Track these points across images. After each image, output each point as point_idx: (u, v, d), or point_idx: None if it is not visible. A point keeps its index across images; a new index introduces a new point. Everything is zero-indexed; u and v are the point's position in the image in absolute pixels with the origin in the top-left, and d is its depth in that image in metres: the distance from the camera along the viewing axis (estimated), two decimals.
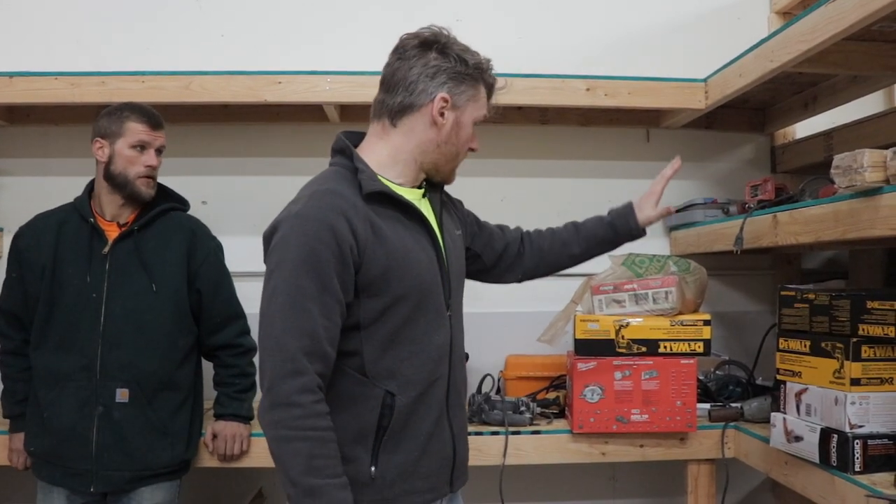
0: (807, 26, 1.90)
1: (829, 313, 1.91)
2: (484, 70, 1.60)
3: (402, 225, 1.54)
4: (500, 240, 1.92)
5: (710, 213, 2.58)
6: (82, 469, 2.03)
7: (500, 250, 1.91)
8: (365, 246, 1.46)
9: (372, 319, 1.49)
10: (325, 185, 1.52)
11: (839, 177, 1.70)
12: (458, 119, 1.58)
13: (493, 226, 1.94)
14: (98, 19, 2.74)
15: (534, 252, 1.95)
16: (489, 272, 1.93)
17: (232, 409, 2.20)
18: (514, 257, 1.93)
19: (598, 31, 2.86)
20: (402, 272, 1.50)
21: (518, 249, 1.94)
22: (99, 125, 2.12)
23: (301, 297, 1.42)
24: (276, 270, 1.46)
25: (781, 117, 2.79)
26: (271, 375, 1.41)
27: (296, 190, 1.60)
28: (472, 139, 1.64)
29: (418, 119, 1.56)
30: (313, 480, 1.38)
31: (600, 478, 2.86)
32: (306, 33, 2.78)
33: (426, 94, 1.55)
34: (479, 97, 1.61)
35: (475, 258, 1.87)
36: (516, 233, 1.98)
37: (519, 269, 1.95)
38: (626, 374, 2.25)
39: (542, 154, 2.86)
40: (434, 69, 1.55)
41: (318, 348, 1.42)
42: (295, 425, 1.39)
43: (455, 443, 1.60)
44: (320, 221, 1.44)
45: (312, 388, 1.41)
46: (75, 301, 2.06)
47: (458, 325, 1.65)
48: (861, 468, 1.81)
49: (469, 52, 1.59)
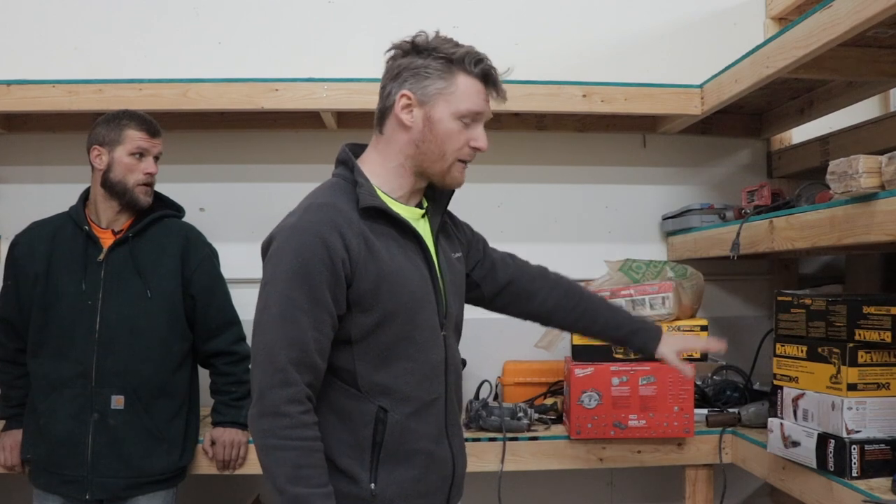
0: (802, 32, 1.91)
1: (825, 318, 1.91)
2: (459, 60, 1.51)
3: (395, 242, 1.53)
4: (505, 272, 1.80)
5: (706, 219, 2.59)
6: (78, 476, 2.02)
7: (503, 283, 1.80)
8: (357, 261, 1.46)
9: (363, 335, 1.49)
10: (322, 198, 1.52)
11: (835, 182, 1.70)
12: (427, 115, 1.52)
13: (502, 255, 1.83)
14: (95, 27, 2.74)
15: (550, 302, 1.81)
16: (490, 303, 1.83)
17: (230, 417, 2.20)
18: (520, 295, 1.81)
19: (594, 37, 2.87)
20: (393, 288, 1.49)
21: (529, 289, 1.81)
22: (96, 133, 2.12)
23: (292, 308, 1.42)
24: (269, 282, 1.47)
25: (777, 123, 2.80)
26: (261, 385, 1.42)
27: (293, 196, 1.60)
28: (473, 137, 1.55)
29: (392, 122, 1.55)
30: (299, 489, 1.39)
31: (598, 483, 2.86)
32: (303, 41, 2.78)
33: (392, 95, 1.54)
34: (453, 90, 1.51)
35: (473, 287, 1.79)
36: (534, 271, 1.84)
37: (526, 309, 1.83)
38: (624, 380, 2.25)
39: (538, 160, 2.87)
40: (397, 68, 1.54)
41: (308, 359, 1.43)
42: (283, 435, 1.40)
43: (455, 461, 1.60)
44: (314, 235, 1.44)
45: (300, 399, 1.42)
46: (71, 308, 2.06)
47: (455, 346, 1.64)
48: (858, 473, 1.81)
49: (446, 45, 1.53)
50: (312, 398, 1.45)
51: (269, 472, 1.41)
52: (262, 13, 2.80)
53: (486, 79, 1.56)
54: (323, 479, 1.43)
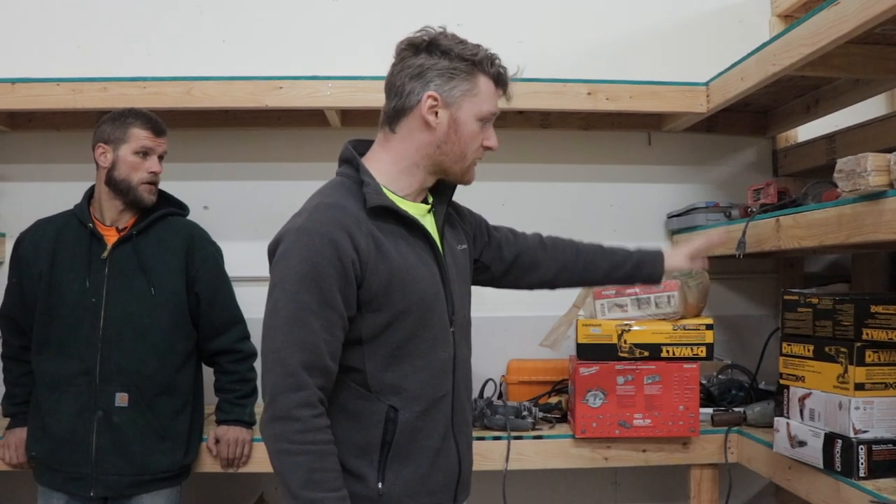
0: (809, 30, 1.90)
1: (832, 317, 1.91)
2: (480, 62, 1.53)
3: (404, 240, 1.53)
4: (510, 248, 1.83)
5: (712, 217, 2.58)
6: (82, 473, 2.02)
7: (510, 259, 1.82)
8: (367, 261, 1.45)
9: (374, 334, 1.49)
10: (329, 198, 1.51)
11: (842, 180, 1.69)
12: (453, 116, 1.53)
13: (505, 233, 1.86)
14: (99, 25, 2.74)
15: (553, 265, 1.85)
16: (500, 280, 1.85)
17: (234, 415, 2.19)
18: (527, 267, 1.84)
19: (599, 34, 2.86)
20: (405, 287, 1.49)
21: (533, 259, 1.84)
22: (102, 130, 2.12)
23: (302, 311, 1.41)
24: (278, 285, 1.45)
25: (783, 121, 2.79)
26: (272, 389, 1.41)
27: (297, 194, 1.60)
28: (486, 136, 1.57)
29: (413, 122, 1.54)
30: (312, 494, 1.38)
31: (603, 483, 2.85)
32: (307, 38, 2.78)
33: (414, 94, 1.52)
34: (477, 91, 1.53)
35: (484, 269, 1.81)
36: (533, 240, 1.87)
37: (533, 279, 1.86)
38: (629, 379, 2.24)
39: (543, 158, 2.86)
40: (419, 68, 1.52)
41: (319, 362, 1.42)
42: (295, 439, 1.39)
43: (461, 458, 1.60)
44: (322, 236, 1.43)
45: (313, 403, 1.41)
46: (75, 306, 2.06)
47: (463, 342, 1.63)
48: (865, 473, 1.80)
49: (464, 45, 1.53)
50: (324, 401, 1.44)
51: (282, 477, 1.40)
52: (266, 11, 2.79)
53: (499, 80, 1.57)
54: (337, 483, 1.42)
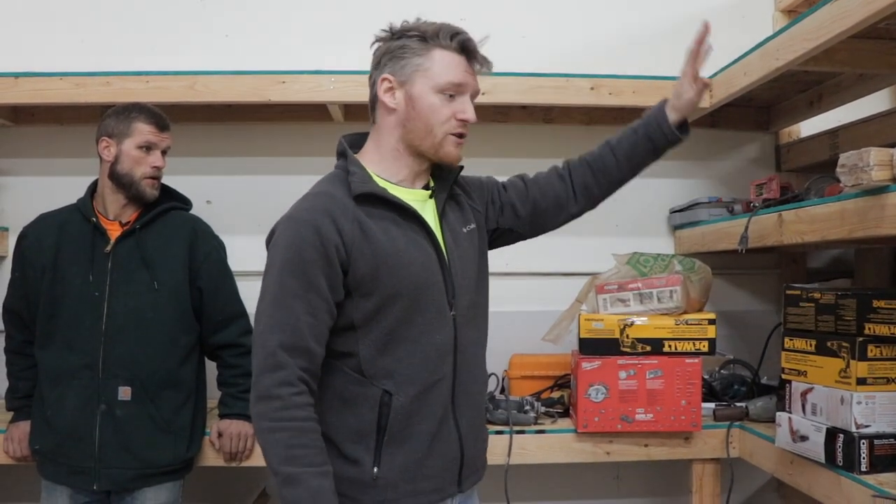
0: (812, 24, 1.90)
1: (834, 312, 1.91)
2: (434, 35, 1.54)
3: (395, 225, 1.54)
4: (525, 204, 1.77)
5: (714, 212, 2.58)
6: (85, 467, 2.03)
7: (527, 214, 1.77)
8: (352, 245, 1.48)
9: (366, 319, 1.51)
10: (319, 188, 1.57)
11: (845, 175, 1.69)
12: (408, 94, 1.54)
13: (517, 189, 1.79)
14: (102, 19, 2.74)
15: (576, 192, 1.79)
16: (530, 234, 1.82)
17: (237, 409, 2.20)
18: (551, 212, 1.79)
19: (602, 29, 2.85)
20: (393, 271, 1.50)
21: (556, 199, 1.78)
22: (105, 124, 2.13)
23: (284, 295, 1.46)
24: (266, 271, 1.51)
25: (786, 116, 2.78)
26: (255, 371, 1.46)
27: (300, 189, 1.62)
28: (459, 109, 1.55)
29: (381, 108, 1.59)
30: (291, 469, 1.42)
31: (605, 477, 2.86)
32: (310, 33, 2.78)
33: (374, 83, 1.59)
34: (429, 65, 1.53)
35: (507, 233, 1.78)
36: (548, 179, 1.80)
37: (559, 218, 1.81)
38: (631, 374, 2.25)
39: (546, 153, 2.83)
40: (376, 57, 1.59)
41: (301, 344, 1.45)
42: (275, 416, 1.43)
43: (462, 443, 1.59)
44: (306, 222, 1.48)
45: (292, 381, 1.44)
46: (78, 300, 2.07)
47: (468, 326, 1.62)
48: (867, 468, 1.80)
49: (419, 25, 1.56)
50: (308, 381, 1.46)
51: (265, 454, 1.45)
52: (269, 5, 2.79)
53: (465, 50, 1.57)
54: (318, 459, 1.44)
